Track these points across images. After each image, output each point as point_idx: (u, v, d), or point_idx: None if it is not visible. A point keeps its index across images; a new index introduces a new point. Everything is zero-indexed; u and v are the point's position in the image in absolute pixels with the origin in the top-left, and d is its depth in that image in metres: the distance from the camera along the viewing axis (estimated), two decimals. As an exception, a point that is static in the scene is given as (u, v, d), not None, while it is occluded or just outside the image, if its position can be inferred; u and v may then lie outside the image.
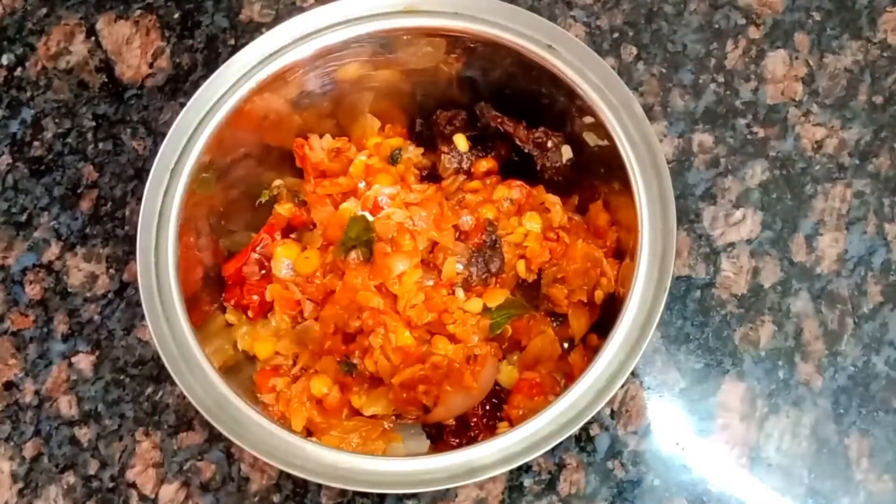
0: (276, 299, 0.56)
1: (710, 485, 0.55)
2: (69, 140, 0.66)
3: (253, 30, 0.68)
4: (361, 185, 0.57)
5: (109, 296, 0.61)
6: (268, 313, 0.57)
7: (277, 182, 0.60)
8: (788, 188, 0.62)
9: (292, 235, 0.59)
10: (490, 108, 0.59)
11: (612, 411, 0.57)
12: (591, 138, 0.55)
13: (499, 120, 0.58)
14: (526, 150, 0.58)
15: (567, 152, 0.57)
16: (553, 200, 0.57)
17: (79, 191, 0.65)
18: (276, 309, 0.56)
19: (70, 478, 0.57)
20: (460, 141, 0.59)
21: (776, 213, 0.62)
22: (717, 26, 0.67)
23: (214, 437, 0.57)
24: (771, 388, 0.57)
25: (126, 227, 0.63)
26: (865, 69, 0.65)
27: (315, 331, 0.54)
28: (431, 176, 0.60)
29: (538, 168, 0.58)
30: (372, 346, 0.52)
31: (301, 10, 0.56)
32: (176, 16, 0.69)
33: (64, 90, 0.68)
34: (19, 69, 0.68)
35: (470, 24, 0.55)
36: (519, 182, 0.57)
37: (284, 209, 0.58)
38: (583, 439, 0.56)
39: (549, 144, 0.57)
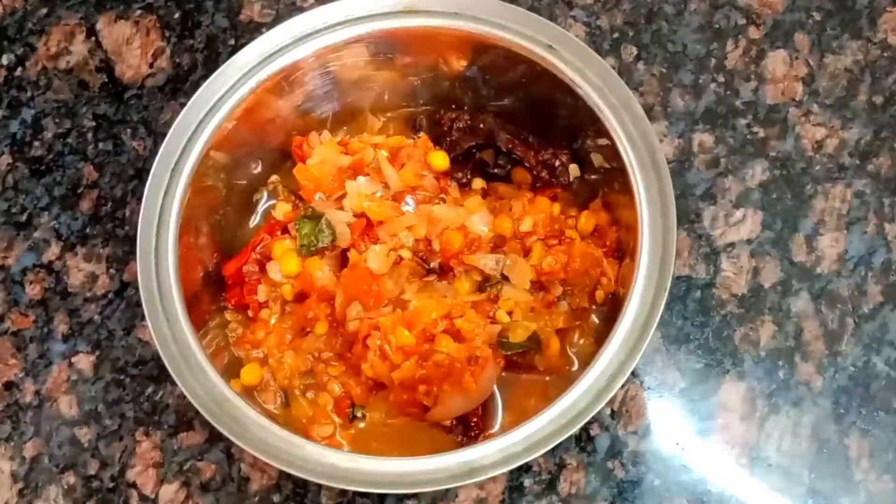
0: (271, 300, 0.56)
1: (710, 485, 0.55)
2: (69, 140, 0.66)
3: (253, 30, 0.68)
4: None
5: (109, 296, 0.61)
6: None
7: (274, 177, 0.60)
8: (788, 188, 0.62)
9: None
10: (500, 128, 0.59)
11: (612, 411, 0.57)
12: (597, 160, 0.56)
13: (510, 145, 0.58)
14: (535, 173, 0.58)
15: (574, 170, 0.58)
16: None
17: (79, 191, 0.65)
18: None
19: (70, 478, 0.57)
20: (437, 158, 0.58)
21: (776, 213, 0.62)
22: (717, 26, 0.67)
23: (214, 437, 0.57)
24: (771, 388, 0.57)
25: (126, 228, 0.63)
26: (865, 69, 0.65)
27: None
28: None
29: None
30: (369, 347, 0.52)
31: (301, 10, 0.56)
32: (176, 16, 0.69)
33: (64, 90, 0.68)
34: (19, 69, 0.68)
35: (470, 24, 0.55)
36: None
37: (280, 213, 0.58)
38: (583, 439, 0.56)
39: (557, 164, 0.58)
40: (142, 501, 0.57)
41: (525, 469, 0.56)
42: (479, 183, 0.59)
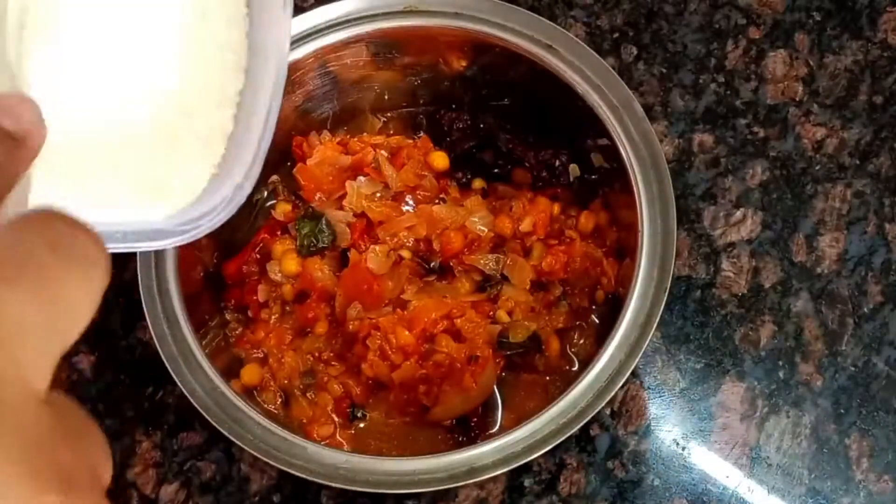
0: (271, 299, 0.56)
1: (710, 485, 0.55)
2: (69, 140, 0.66)
3: (253, 30, 0.68)
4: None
5: (109, 295, 0.61)
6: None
7: (274, 177, 0.60)
8: (788, 188, 0.62)
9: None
10: (500, 128, 0.59)
11: (612, 411, 0.57)
12: (597, 160, 0.56)
13: (510, 145, 0.58)
14: (535, 173, 0.58)
15: (574, 171, 0.58)
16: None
17: (79, 191, 0.65)
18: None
19: (70, 478, 0.57)
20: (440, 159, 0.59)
21: (776, 213, 0.62)
22: (717, 26, 0.67)
23: (214, 437, 0.57)
24: (771, 388, 0.57)
25: (126, 227, 0.63)
26: (865, 69, 0.65)
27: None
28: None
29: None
30: (369, 347, 0.52)
31: (301, 10, 0.56)
32: (176, 16, 0.69)
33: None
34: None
35: (470, 24, 0.55)
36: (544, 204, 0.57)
37: (280, 213, 0.58)
38: (583, 439, 0.56)
39: (557, 164, 0.58)
40: (142, 501, 0.57)
41: (525, 469, 0.56)
42: (479, 183, 0.59)
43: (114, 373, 0.60)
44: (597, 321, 0.56)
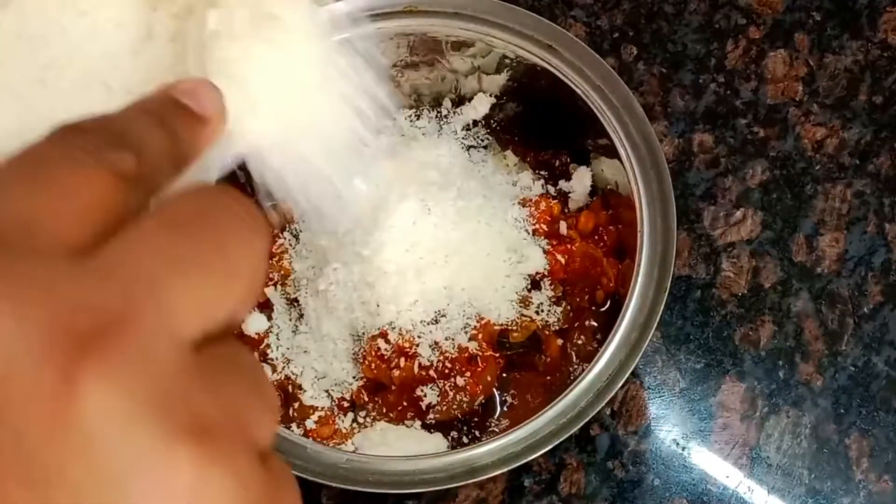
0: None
1: (710, 485, 0.55)
2: (69, 140, 0.66)
3: (253, 30, 0.68)
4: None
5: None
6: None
7: None
8: (788, 188, 0.62)
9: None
10: (501, 128, 0.59)
11: (612, 411, 0.57)
12: (597, 160, 0.56)
13: (510, 145, 0.59)
14: (535, 173, 0.58)
15: (574, 171, 0.58)
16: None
17: (79, 191, 0.64)
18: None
19: (70, 478, 0.57)
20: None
21: (776, 213, 0.62)
22: (717, 26, 0.67)
23: (214, 437, 0.57)
24: (771, 388, 0.57)
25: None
26: (865, 69, 0.65)
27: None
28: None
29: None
30: (368, 348, 0.52)
31: (301, 10, 0.56)
32: (176, 16, 0.69)
33: (64, 90, 0.67)
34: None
35: (470, 24, 0.55)
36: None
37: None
38: (583, 439, 0.56)
39: (557, 164, 0.58)
40: (142, 501, 0.57)
41: (525, 469, 0.56)
42: None
43: (114, 373, 0.60)
44: (597, 321, 0.56)
